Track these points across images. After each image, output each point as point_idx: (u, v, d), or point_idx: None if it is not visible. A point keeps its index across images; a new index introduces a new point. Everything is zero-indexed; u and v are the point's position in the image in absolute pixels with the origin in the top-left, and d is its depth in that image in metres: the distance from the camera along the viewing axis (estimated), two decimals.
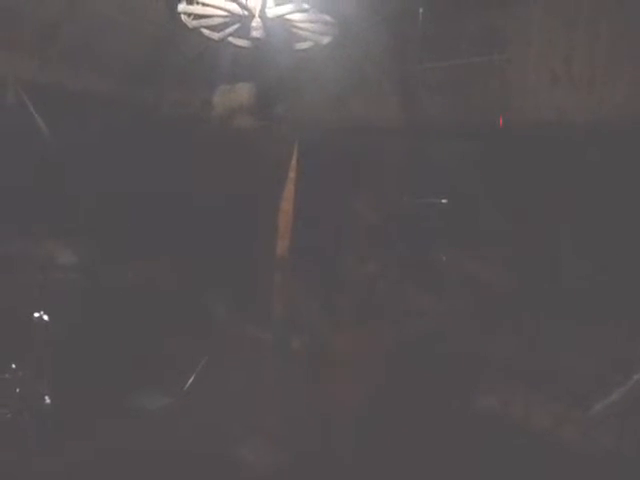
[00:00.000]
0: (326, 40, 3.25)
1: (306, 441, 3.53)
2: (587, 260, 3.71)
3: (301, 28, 3.15)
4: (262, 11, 2.94)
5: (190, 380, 4.52)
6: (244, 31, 3.17)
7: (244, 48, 3.37)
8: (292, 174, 5.51)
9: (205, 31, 3.25)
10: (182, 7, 3.04)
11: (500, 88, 3.91)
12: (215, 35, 3.27)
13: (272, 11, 2.96)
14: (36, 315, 3.07)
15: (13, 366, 2.66)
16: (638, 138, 3.39)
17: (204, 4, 2.99)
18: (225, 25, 3.20)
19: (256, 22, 2.99)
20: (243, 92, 4.47)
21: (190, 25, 3.19)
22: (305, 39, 3.27)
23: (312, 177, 5.01)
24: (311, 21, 3.11)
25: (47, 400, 2.67)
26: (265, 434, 3.70)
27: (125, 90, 4.55)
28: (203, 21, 3.18)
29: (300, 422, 3.70)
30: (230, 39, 3.30)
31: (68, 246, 3.68)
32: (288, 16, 3.03)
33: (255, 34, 3.03)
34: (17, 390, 2.59)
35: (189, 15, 3.14)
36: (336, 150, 4.66)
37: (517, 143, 4.12)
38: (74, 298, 3.57)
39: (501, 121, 3.95)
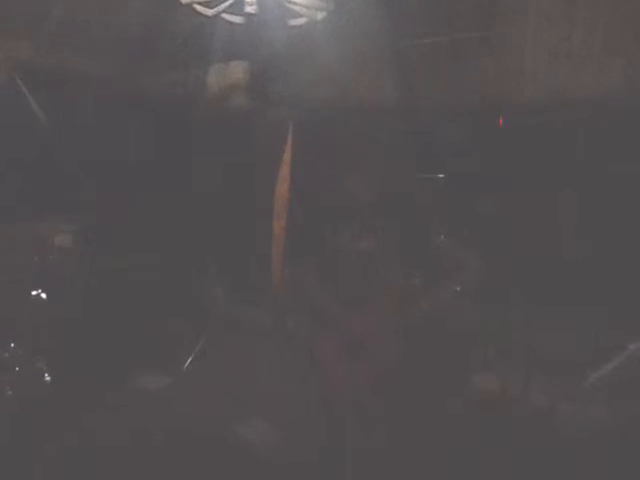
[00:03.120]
0: (321, 16, 3.21)
1: (307, 424, 3.53)
2: (585, 242, 3.72)
3: (295, 3, 3.12)
4: None
5: (189, 360, 4.53)
6: (238, 7, 3.14)
7: (237, 24, 3.34)
8: (287, 155, 5.49)
9: (198, 7, 3.21)
10: None
11: (496, 65, 3.89)
12: (208, 11, 3.22)
13: None
14: (34, 293, 3.08)
15: (12, 345, 2.66)
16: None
17: None
18: (218, 0, 3.17)
19: None
20: (238, 71, 4.42)
21: (183, 0, 3.15)
22: (299, 15, 3.22)
23: (308, 157, 5.00)
24: None
25: (47, 378, 2.67)
26: (265, 416, 3.70)
27: (118, 70, 4.49)
28: None
29: (301, 404, 3.70)
30: (223, 15, 3.27)
31: (63, 228, 3.67)
32: None
33: (249, 9, 3.01)
34: (16, 368, 2.60)
35: None
36: (332, 129, 4.63)
37: (513, 123, 4.10)
38: (72, 278, 3.57)
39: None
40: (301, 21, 3.27)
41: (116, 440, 3.13)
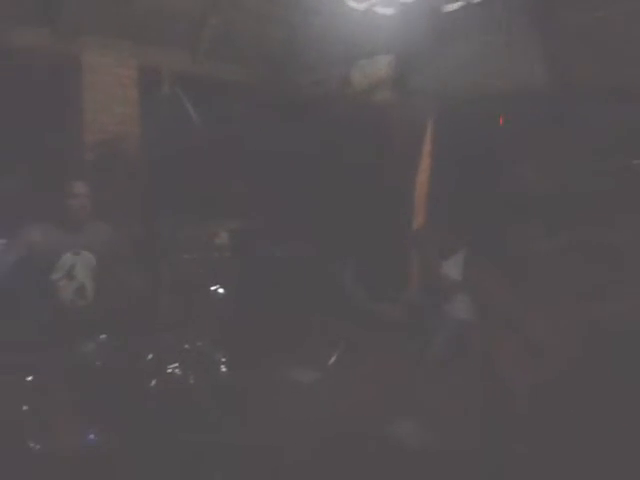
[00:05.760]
0: None
1: (461, 426, 3.36)
2: None
3: None
4: None
5: (334, 357, 4.57)
6: None
7: (388, 16, 3.29)
8: (428, 147, 5.35)
9: (350, 3, 3.21)
10: None
11: None
12: (361, 5, 3.22)
13: None
14: (212, 288, 3.29)
15: (192, 337, 2.84)
16: None
17: None
18: None
19: None
20: (381, 65, 4.37)
21: None
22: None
23: (449, 149, 4.83)
24: None
25: (223, 369, 2.82)
26: (416, 416, 3.59)
27: (266, 75, 4.67)
28: None
29: (458, 406, 3.54)
30: (375, 8, 3.23)
31: (230, 228, 3.87)
32: None
33: None
34: (196, 359, 2.77)
35: None
36: (476, 119, 4.41)
37: None
38: (235, 275, 3.77)
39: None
40: (457, 5, 3.13)
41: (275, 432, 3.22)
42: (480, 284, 3.99)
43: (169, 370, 2.64)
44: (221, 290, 3.30)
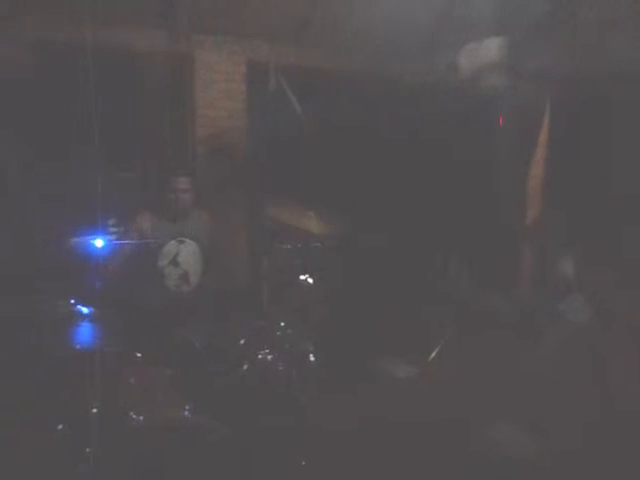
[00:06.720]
0: None
1: (569, 436, 3.13)
2: None
3: None
4: None
5: (435, 351, 4.46)
6: None
7: None
8: (543, 136, 5.00)
9: None
10: None
11: None
12: None
13: None
14: (302, 277, 3.38)
15: (282, 324, 2.93)
16: None
17: None
18: None
19: None
20: (491, 49, 4.13)
21: None
22: None
23: (567, 140, 4.46)
24: None
25: (312, 358, 2.87)
26: (519, 421, 3.39)
27: (373, 66, 4.63)
28: None
29: (564, 413, 3.30)
30: None
31: (321, 218, 3.92)
32: None
33: None
34: (286, 346, 2.85)
35: None
36: (598, 104, 4.02)
37: None
38: (328, 265, 3.82)
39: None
40: None
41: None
42: (596, 285, 3.67)
43: (260, 356, 2.74)
44: (311, 280, 3.37)
